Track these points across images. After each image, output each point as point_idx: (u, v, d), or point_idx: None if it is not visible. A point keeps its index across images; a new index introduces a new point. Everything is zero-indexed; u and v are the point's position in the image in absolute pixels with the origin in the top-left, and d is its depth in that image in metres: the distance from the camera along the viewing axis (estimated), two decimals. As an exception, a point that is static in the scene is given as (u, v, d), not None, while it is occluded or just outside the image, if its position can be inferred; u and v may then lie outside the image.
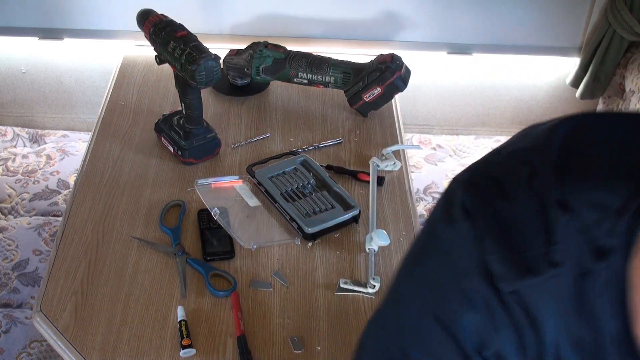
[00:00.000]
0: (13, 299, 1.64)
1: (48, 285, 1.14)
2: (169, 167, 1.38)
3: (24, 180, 1.97)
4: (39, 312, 1.10)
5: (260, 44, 1.55)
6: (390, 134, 1.52)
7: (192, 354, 1.06)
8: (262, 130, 1.50)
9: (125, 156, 1.41)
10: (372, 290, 1.16)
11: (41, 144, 2.16)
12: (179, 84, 1.32)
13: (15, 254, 1.74)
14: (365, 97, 1.51)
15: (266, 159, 1.40)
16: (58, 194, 1.94)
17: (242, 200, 1.30)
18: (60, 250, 1.20)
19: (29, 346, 1.54)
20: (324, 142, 1.47)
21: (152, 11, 1.32)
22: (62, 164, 2.04)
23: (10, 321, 1.58)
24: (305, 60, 1.52)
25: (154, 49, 1.32)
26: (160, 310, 1.12)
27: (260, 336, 1.09)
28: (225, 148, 1.44)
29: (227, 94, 1.59)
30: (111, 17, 1.98)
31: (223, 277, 1.18)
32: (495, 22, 1.99)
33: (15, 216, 1.87)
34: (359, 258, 1.23)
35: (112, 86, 1.61)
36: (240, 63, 1.55)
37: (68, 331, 1.08)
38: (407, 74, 1.52)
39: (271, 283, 1.17)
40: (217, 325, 1.10)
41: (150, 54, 1.34)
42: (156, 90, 1.60)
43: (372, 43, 2.00)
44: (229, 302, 1.14)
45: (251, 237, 1.22)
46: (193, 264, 1.18)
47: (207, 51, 1.25)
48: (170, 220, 1.27)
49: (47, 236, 1.79)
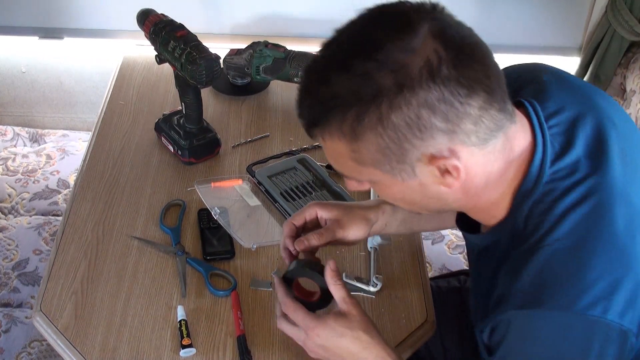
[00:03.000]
0: (13, 298, 1.64)
1: (48, 285, 1.14)
2: (169, 167, 1.38)
3: (24, 179, 1.97)
4: (39, 311, 1.10)
5: (260, 43, 1.55)
6: (390, 133, 1.51)
7: (192, 354, 1.06)
8: (262, 130, 1.50)
9: (125, 156, 1.41)
10: (373, 289, 1.16)
11: (41, 143, 2.16)
12: (179, 84, 1.32)
13: (15, 254, 1.74)
14: (365, 97, 1.50)
15: (266, 158, 1.40)
16: (58, 193, 1.94)
17: (242, 200, 1.30)
18: (60, 250, 1.20)
19: (29, 346, 1.54)
20: (324, 141, 1.47)
21: (152, 11, 1.32)
22: (62, 163, 2.04)
23: (10, 321, 1.58)
24: (305, 60, 1.52)
25: (154, 48, 1.32)
26: (160, 310, 1.12)
27: (260, 336, 1.09)
28: (225, 148, 1.44)
29: (227, 94, 1.59)
30: (111, 17, 1.98)
31: (223, 277, 1.18)
32: (495, 22, 1.99)
33: (15, 216, 1.87)
34: (360, 257, 1.23)
35: (112, 86, 1.61)
36: (240, 63, 1.55)
37: (68, 331, 1.08)
38: (407, 74, 1.52)
39: (271, 283, 1.17)
40: (217, 325, 1.11)
41: (150, 53, 1.34)
42: (156, 90, 1.60)
43: (372, 43, 2.00)
44: (229, 302, 1.14)
45: (251, 236, 1.22)
46: (193, 264, 1.18)
47: (207, 51, 1.25)
48: (170, 220, 1.27)
49: (47, 236, 1.79)
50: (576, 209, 0.78)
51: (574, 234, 0.77)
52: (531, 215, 0.80)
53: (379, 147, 0.75)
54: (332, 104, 0.74)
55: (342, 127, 0.75)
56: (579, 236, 0.77)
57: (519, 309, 0.78)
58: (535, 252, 0.78)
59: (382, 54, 0.71)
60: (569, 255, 0.77)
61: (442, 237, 1.88)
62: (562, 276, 0.76)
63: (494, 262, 0.85)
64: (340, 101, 0.74)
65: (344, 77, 0.73)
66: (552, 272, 0.76)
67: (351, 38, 0.76)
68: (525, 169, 0.81)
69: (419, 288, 1.18)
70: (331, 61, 0.76)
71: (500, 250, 0.84)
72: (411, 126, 0.72)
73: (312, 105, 0.77)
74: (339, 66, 0.74)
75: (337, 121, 0.75)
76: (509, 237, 0.83)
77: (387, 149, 0.75)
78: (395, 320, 1.13)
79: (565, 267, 0.76)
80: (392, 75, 0.71)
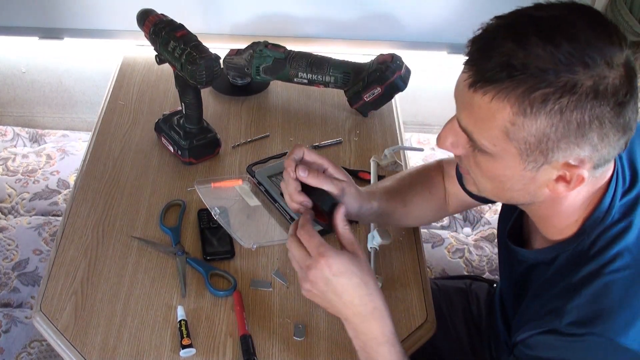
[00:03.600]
0: (13, 298, 1.64)
1: (48, 285, 1.14)
2: (169, 167, 1.38)
3: (24, 179, 1.97)
4: (39, 311, 1.11)
5: (260, 43, 1.55)
6: (390, 133, 1.52)
7: (192, 354, 1.06)
8: (262, 130, 1.50)
9: (125, 156, 1.41)
10: (372, 290, 1.16)
11: (41, 143, 2.16)
12: (179, 84, 1.32)
13: (15, 254, 1.74)
14: (365, 97, 1.51)
15: (266, 158, 1.40)
16: (58, 193, 1.94)
17: (242, 200, 1.30)
18: (60, 250, 1.20)
19: (29, 346, 1.54)
20: (324, 141, 1.47)
21: (152, 11, 1.32)
22: (62, 163, 2.04)
23: (10, 321, 1.58)
24: (305, 60, 1.52)
25: (154, 48, 1.32)
26: (160, 310, 1.12)
27: (260, 336, 1.09)
28: (225, 148, 1.44)
29: (227, 94, 1.59)
30: (111, 17, 1.98)
31: (223, 277, 1.18)
32: (496, 22, 1.99)
33: (15, 216, 1.87)
34: (359, 258, 1.22)
35: (112, 86, 1.61)
36: (240, 63, 1.55)
37: (68, 331, 1.08)
38: (407, 74, 1.52)
39: (271, 283, 1.17)
40: (217, 325, 1.11)
41: (150, 54, 1.34)
42: (156, 90, 1.60)
43: (372, 43, 2.00)
44: (229, 302, 1.14)
45: (251, 237, 1.22)
46: (193, 264, 1.18)
47: (207, 51, 1.25)
48: (170, 220, 1.27)
49: (47, 236, 1.79)
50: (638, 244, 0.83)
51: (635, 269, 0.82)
52: (597, 242, 0.84)
53: (541, 133, 0.74)
54: (527, 72, 0.72)
55: (524, 99, 0.73)
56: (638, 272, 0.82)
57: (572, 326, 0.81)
58: (597, 276, 0.82)
59: (591, 53, 0.72)
60: (627, 287, 0.81)
61: (442, 240, 1.88)
62: (617, 304, 0.80)
63: (549, 276, 0.89)
64: (536, 73, 0.72)
65: (550, 51, 0.72)
66: (610, 299, 0.80)
67: (561, 19, 0.74)
68: (600, 197, 0.85)
69: (419, 288, 1.18)
70: (538, 27, 0.74)
71: (558, 266, 0.88)
72: (580, 129, 0.73)
73: (504, 63, 0.73)
74: (545, 38, 0.72)
75: (522, 91, 0.73)
76: (570, 256, 0.87)
77: (545, 138, 0.75)
78: (395, 320, 1.12)
79: (622, 297, 0.80)
80: (594, 79, 0.72)
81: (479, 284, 1.39)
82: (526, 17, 0.76)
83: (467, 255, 1.85)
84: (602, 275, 0.81)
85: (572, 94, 0.72)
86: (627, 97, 0.74)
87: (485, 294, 1.35)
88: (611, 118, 0.73)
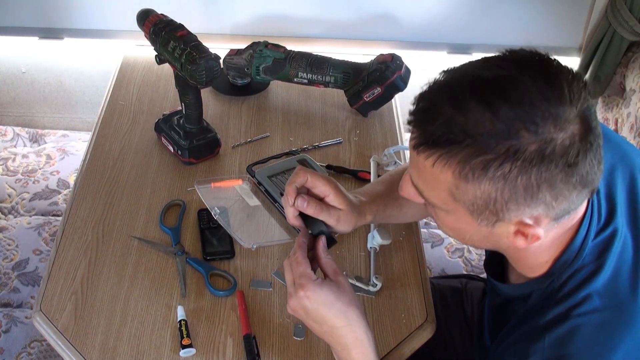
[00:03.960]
0: (13, 298, 1.64)
1: (48, 285, 1.14)
2: (169, 167, 1.38)
3: (24, 179, 1.97)
4: (39, 311, 1.11)
5: (260, 43, 1.55)
6: (390, 133, 1.52)
7: (192, 354, 1.06)
8: (262, 130, 1.50)
9: (125, 156, 1.41)
10: (373, 289, 1.16)
11: (41, 143, 2.16)
12: (179, 84, 1.32)
13: (15, 254, 1.74)
14: (365, 97, 1.51)
15: (266, 158, 1.40)
16: (58, 193, 1.94)
17: (242, 200, 1.30)
18: (60, 250, 1.20)
19: (29, 346, 1.54)
20: (324, 141, 1.47)
21: (152, 11, 1.32)
22: (62, 163, 2.04)
23: (10, 321, 1.58)
24: (305, 60, 1.52)
25: (154, 48, 1.32)
26: (160, 310, 1.12)
27: (260, 336, 1.09)
28: (225, 148, 1.44)
29: (227, 94, 1.59)
30: (111, 17, 1.98)
31: (223, 277, 1.18)
32: (495, 22, 1.99)
33: (15, 216, 1.87)
34: (360, 257, 1.23)
35: (112, 86, 1.61)
36: (240, 63, 1.55)
37: (68, 331, 1.08)
38: (407, 74, 1.52)
39: (271, 283, 1.17)
40: (217, 325, 1.11)
41: (150, 54, 1.34)
42: (156, 90, 1.60)
43: (372, 43, 2.00)
44: (229, 302, 1.14)
45: (251, 237, 1.22)
46: (193, 264, 1.18)
47: (207, 51, 1.25)
48: (170, 220, 1.27)
49: (47, 236, 1.79)
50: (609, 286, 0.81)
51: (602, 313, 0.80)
52: (567, 284, 0.83)
53: (486, 197, 0.73)
54: (467, 139, 0.70)
55: (465, 165, 0.71)
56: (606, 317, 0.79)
57: None
58: (564, 319, 0.80)
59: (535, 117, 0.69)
60: (593, 332, 0.79)
61: (441, 240, 1.88)
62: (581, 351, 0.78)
63: (522, 313, 0.88)
64: (476, 140, 0.70)
65: (488, 116, 0.69)
66: (574, 345, 0.78)
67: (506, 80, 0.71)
68: (571, 237, 0.83)
69: (419, 288, 1.18)
70: (474, 90, 0.71)
71: (531, 304, 0.87)
72: (528, 192, 0.71)
73: (444, 128, 0.71)
74: (482, 101, 0.70)
75: (462, 158, 0.71)
76: (541, 294, 0.86)
77: (492, 201, 0.73)
78: (395, 320, 1.13)
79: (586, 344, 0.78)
80: (538, 143, 0.69)
81: (475, 283, 1.39)
82: (470, 77, 0.73)
83: (466, 254, 1.85)
84: (569, 319, 0.79)
85: (515, 160, 0.69)
86: (579, 157, 0.70)
87: (480, 294, 1.35)
88: (563, 178, 0.71)
